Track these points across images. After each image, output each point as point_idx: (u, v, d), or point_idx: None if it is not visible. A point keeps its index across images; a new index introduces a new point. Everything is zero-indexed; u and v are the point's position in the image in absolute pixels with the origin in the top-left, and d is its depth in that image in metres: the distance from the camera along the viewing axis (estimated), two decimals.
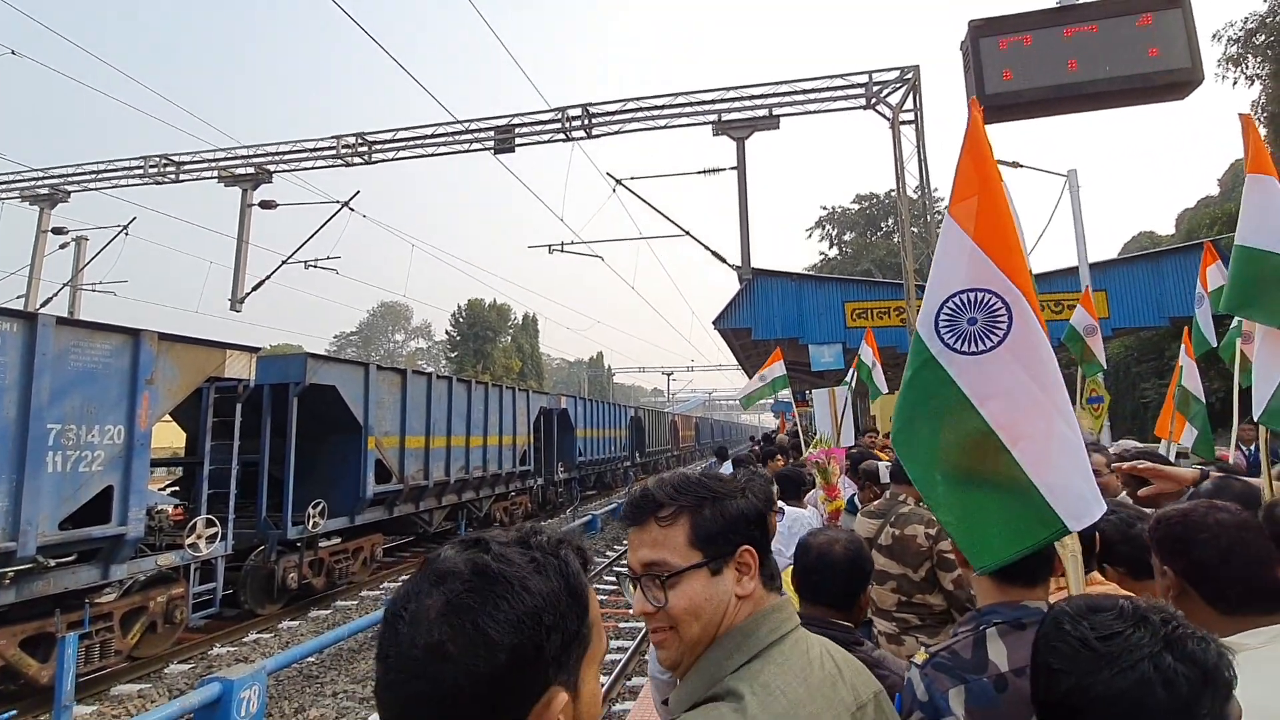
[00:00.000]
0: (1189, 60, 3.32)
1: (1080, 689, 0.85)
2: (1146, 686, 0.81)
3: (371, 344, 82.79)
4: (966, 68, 3.43)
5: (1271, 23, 19.73)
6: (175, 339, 7.16)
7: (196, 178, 16.31)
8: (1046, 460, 1.30)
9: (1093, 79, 3.32)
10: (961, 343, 1.38)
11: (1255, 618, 1.26)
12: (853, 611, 1.80)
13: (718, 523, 1.05)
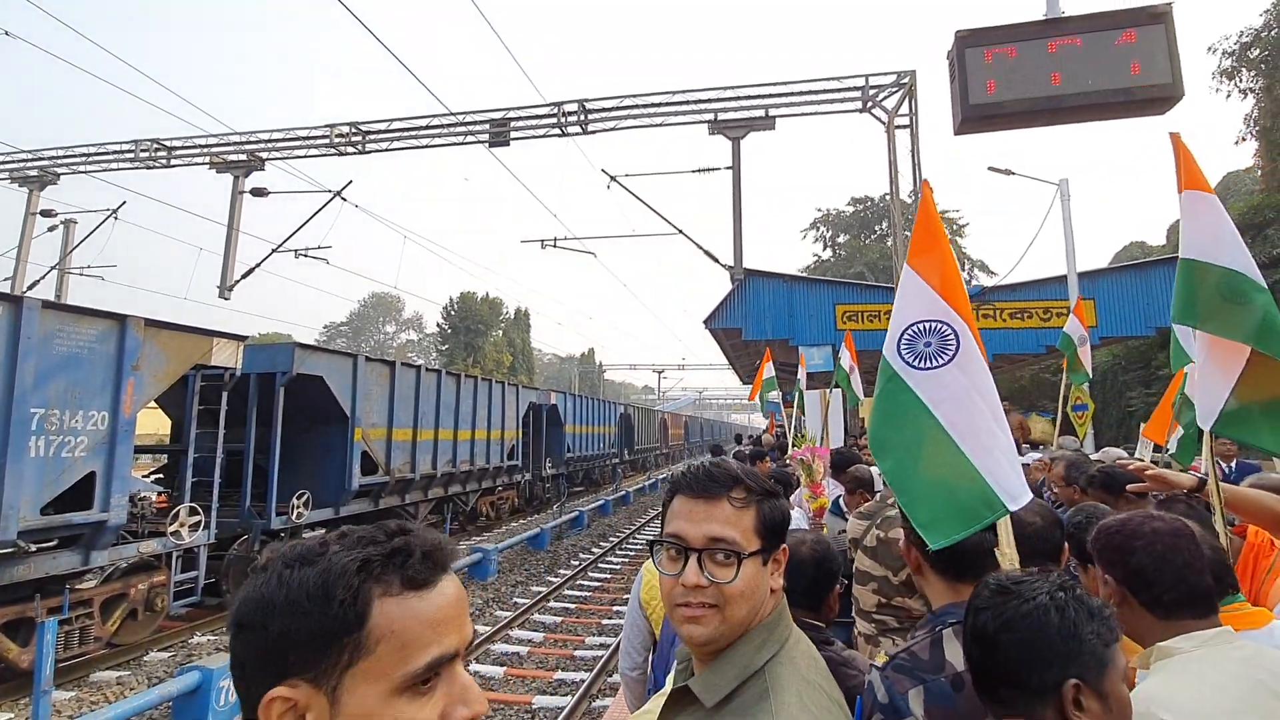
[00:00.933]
0: (1170, 76, 3.38)
1: (995, 616, 1.07)
2: (1044, 611, 1.03)
3: (362, 335, 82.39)
4: (952, 77, 3.47)
5: (1266, 37, 19.93)
6: (162, 325, 7.12)
7: (188, 163, 16.18)
8: (988, 454, 1.56)
9: (1075, 92, 3.38)
10: (919, 361, 1.71)
11: (1189, 621, 1.31)
12: (820, 611, 1.83)
13: (776, 517, 1.12)
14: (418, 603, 0.69)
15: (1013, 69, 3.42)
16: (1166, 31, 3.45)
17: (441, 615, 0.70)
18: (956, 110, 3.48)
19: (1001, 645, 1.05)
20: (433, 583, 0.71)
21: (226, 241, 15.40)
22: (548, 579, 10.85)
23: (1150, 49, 3.43)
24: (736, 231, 13.75)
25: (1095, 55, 3.42)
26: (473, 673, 6.75)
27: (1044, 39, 3.45)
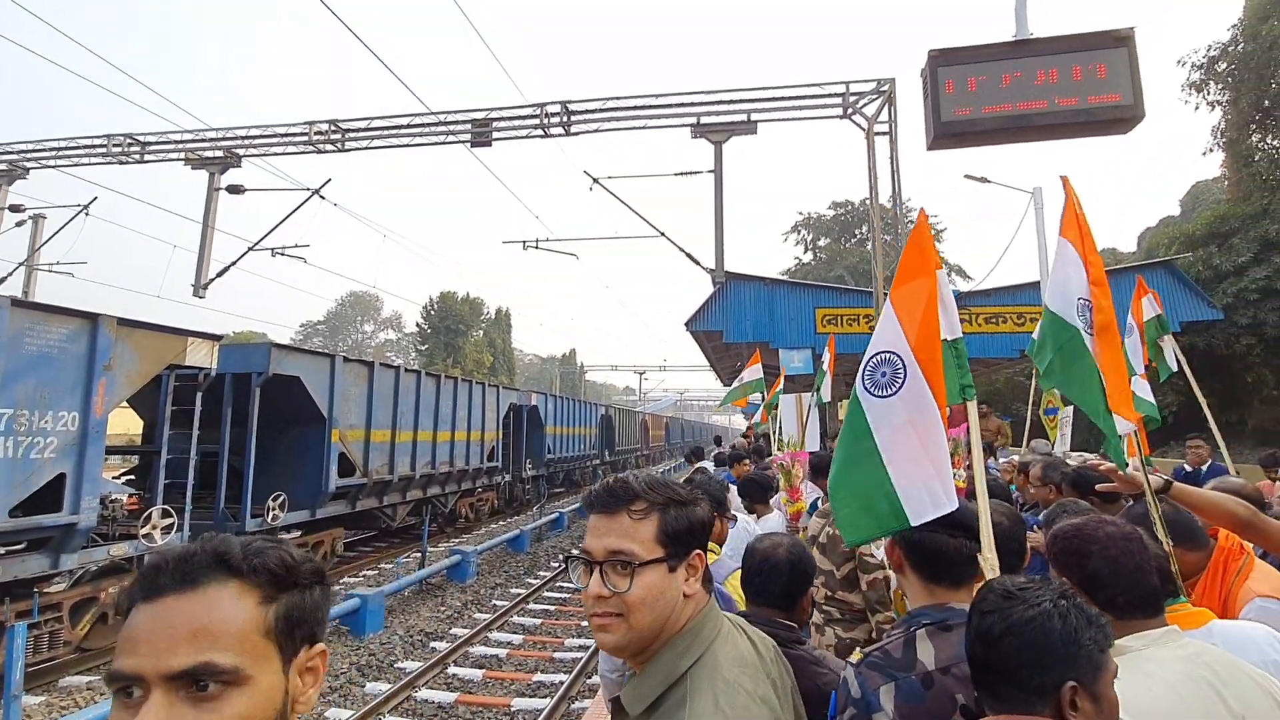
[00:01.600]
0: (1132, 98, 3.51)
1: (1001, 619, 1.12)
2: (1047, 617, 1.09)
3: (339, 334, 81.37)
4: (925, 95, 3.56)
5: (1233, 51, 20.49)
6: (135, 325, 7.00)
7: (162, 159, 15.88)
8: (908, 477, 1.77)
9: (1042, 111, 3.49)
10: (875, 389, 1.92)
11: (1140, 621, 1.39)
12: (795, 612, 1.88)
13: (682, 525, 1.12)
14: (134, 614, 0.73)
15: (983, 88, 3.52)
16: (1129, 55, 3.57)
17: (131, 632, 0.71)
18: (929, 127, 3.57)
19: (1005, 647, 1.10)
20: (154, 597, 0.72)
21: (202, 239, 15.14)
22: (527, 581, 10.83)
23: (1113, 71, 3.55)
24: (718, 235, 13.83)
25: (1062, 76, 3.53)
26: (451, 675, 6.75)
27: (1013, 60, 3.55)
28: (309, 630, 0.81)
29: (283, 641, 0.77)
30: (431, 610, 8.99)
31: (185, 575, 0.73)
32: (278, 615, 0.77)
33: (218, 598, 0.73)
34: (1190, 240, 20.63)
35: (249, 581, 0.75)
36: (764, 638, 1.27)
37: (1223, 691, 1.24)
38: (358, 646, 7.47)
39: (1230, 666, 1.30)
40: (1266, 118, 20.17)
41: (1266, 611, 2.02)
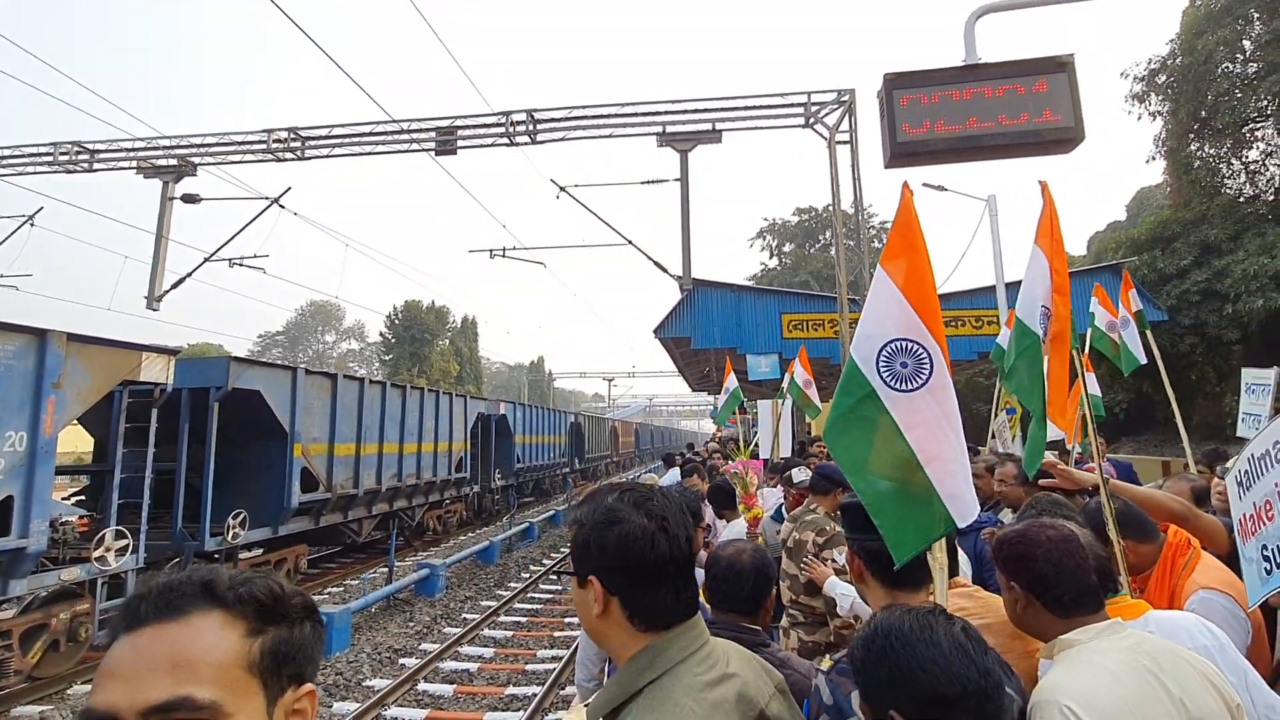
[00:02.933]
0: (1073, 120, 3.71)
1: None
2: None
3: (299, 345, 79.52)
4: (881, 116, 3.71)
5: (1171, 64, 21.44)
6: (86, 340, 6.77)
7: (112, 168, 15.38)
8: (947, 477, 1.66)
9: (990, 133, 3.66)
10: (896, 381, 1.75)
11: (1084, 616, 1.48)
12: (759, 615, 1.92)
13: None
14: (114, 646, 0.70)
15: (935, 110, 3.67)
16: (1069, 79, 3.76)
17: (110, 667, 0.67)
18: (886, 146, 3.72)
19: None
20: (136, 627, 0.69)
21: (155, 250, 14.71)
22: (498, 593, 10.73)
23: (1055, 95, 3.75)
24: (685, 242, 13.96)
25: (1008, 99, 3.71)
26: (421, 692, 6.65)
27: (962, 83, 3.72)
28: (297, 668, 0.76)
29: (268, 678, 0.72)
30: (400, 626, 8.84)
31: (168, 604, 0.70)
32: (264, 650, 0.72)
33: (201, 627, 0.69)
34: (1135, 245, 21.50)
35: (235, 612, 0.72)
36: (751, 661, 1.20)
37: (1162, 677, 1.33)
38: (324, 666, 7.31)
39: (1168, 653, 1.39)
40: (1204, 127, 21.15)
41: (1208, 602, 2.14)
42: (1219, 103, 20.11)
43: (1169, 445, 18.75)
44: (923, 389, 1.72)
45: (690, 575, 1.15)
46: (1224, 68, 20.19)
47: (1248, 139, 20.74)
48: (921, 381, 1.72)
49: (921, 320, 1.75)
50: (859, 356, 1.80)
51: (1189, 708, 1.29)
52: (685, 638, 1.11)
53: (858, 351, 1.81)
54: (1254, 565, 1.85)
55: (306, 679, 0.78)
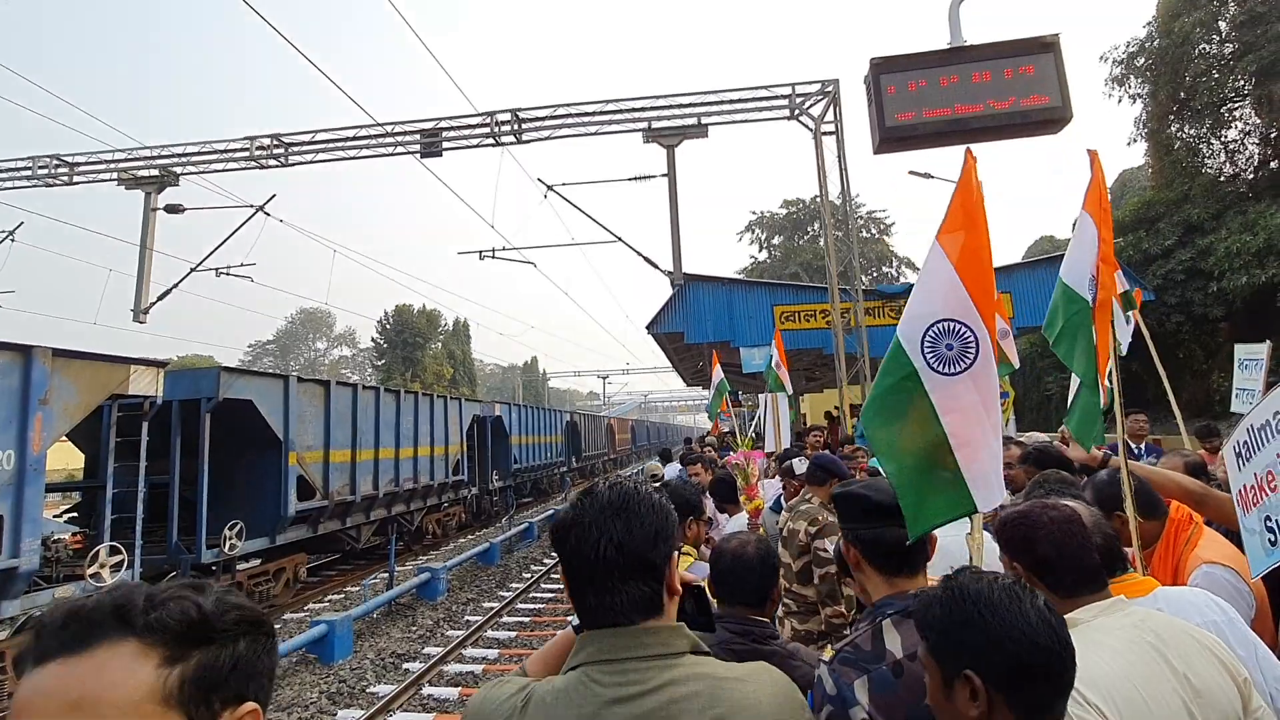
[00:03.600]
0: (1060, 100, 3.73)
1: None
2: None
3: (290, 353, 79.09)
4: (869, 101, 3.71)
5: (1150, 47, 21.59)
6: (72, 355, 6.69)
7: (93, 180, 15.19)
8: (977, 463, 1.65)
9: (978, 115, 3.66)
10: (940, 364, 1.69)
11: (1086, 597, 1.48)
12: (766, 608, 1.92)
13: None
14: (21, 684, 0.65)
15: (922, 94, 3.68)
16: (1055, 60, 3.78)
17: (14, 710, 0.63)
18: (874, 132, 3.72)
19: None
20: (40, 662, 0.64)
21: (140, 262, 14.55)
22: (500, 594, 10.70)
23: (1041, 75, 3.76)
24: (674, 237, 13.93)
25: (995, 81, 3.73)
26: (426, 696, 6.62)
27: (949, 67, 3.72)
28: (233, 690, 0.70)
29: (193, 708, 0.66)
30: (402, 631, 8.80)
31: (74, 636, 0.64)
32: (185, 678, 0.66)
33: (106, 662, 0.63)
34: (1120, 226, 21.66)
35: (149, 640, 0.65)
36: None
37: (1165, 653, 1.33)
38: (327, 674, 7.27)
39: (1172, 629, 1.39)
40: (1183, 109, 21.31)
41: (1211, 577, 2.15)
42: (1197, 83, 20.27)
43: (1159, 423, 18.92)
44: (966, 373, 1.66)
45: (635, 580, 1.07)
46: (1201, 49, 20.35)
47: (1226, 119, 20.93)
48: (966, 365, 1.66)
49: (972, 300, 1.67)
50: (904, 336, 1.73)
51: (1192, 681, 1.29)
52: (598, 644, 1.05)
53: (904, 330, 1.74)
54: (1256, 536, 1.85)
55: (247, 697, 0.72)
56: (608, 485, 1.14)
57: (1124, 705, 1.23)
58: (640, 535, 1.07)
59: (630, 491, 1.12)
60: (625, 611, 1.06)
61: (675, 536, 1.14)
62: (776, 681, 1.10)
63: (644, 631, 1.06)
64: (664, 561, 1.10)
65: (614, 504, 1.09)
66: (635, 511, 1.09)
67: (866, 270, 37.97)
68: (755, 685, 1.05)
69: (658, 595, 1.08)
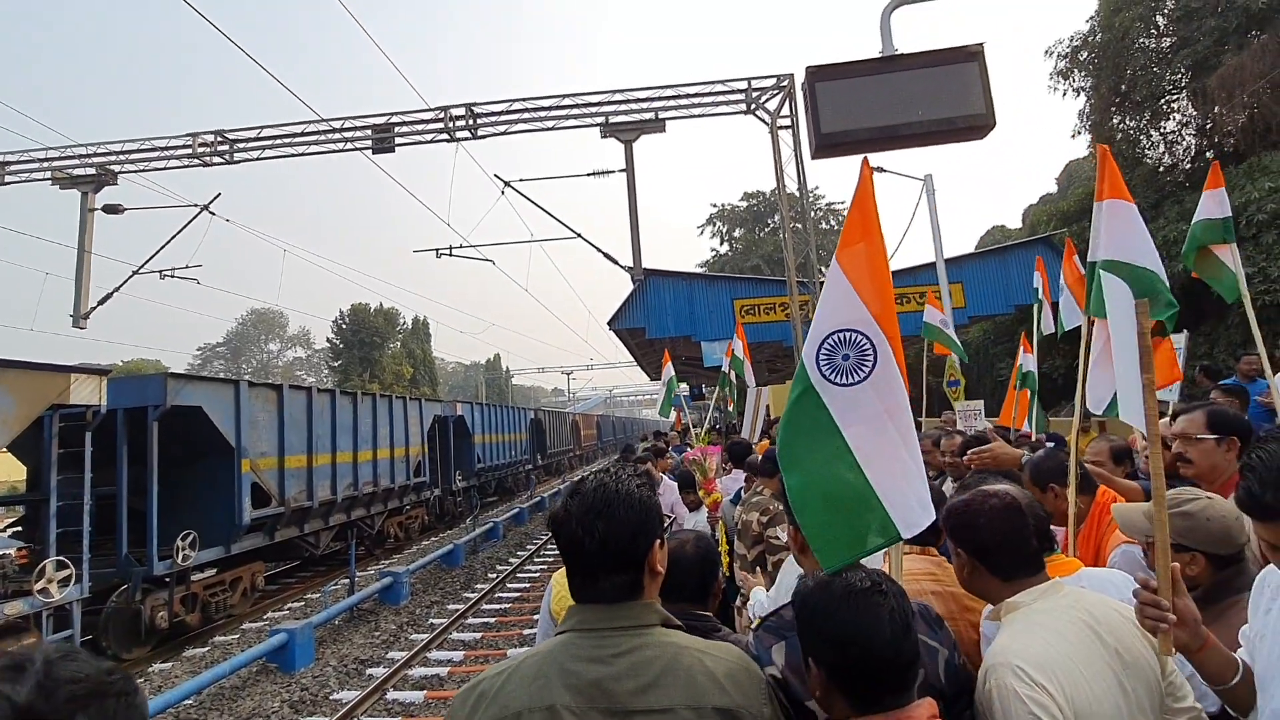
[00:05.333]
0: (984, 108, 3.89)
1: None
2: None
3: (242, 355, 76.75)
4: (806, 108, 3.82)
5: (1092, 41, 22.37)
6: (8, 365, 6.42)
7: (25, 179, 14.49)
8: (890, 480, 1.56)
9: (907, 121, 3.80)
10: (836, 375, 1.63)
11: (1025, 580, 1.58)
12: (708, 602, 1.98)
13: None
14: None
15: (857, 101, 3.80)
16: (979, 68, 3.94)
17: None
18: (811, 138, 3.82)
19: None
20: None
21: (78, 264, 13.96)
22: (465, 596, 10.63)
23: (967, 84, 3.91)
24: (634, 233, 13.98)
25: (923, 89, 3.86)
26: (391, 700, 6.57)
27: (881, 75, 3.84)
28: None
29: None
30: (365, 637, 8.69)
31: None
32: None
33: None
34: (1066, 216, 22.46)
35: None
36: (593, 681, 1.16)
37: (1099, 630, 1.45)
38: (289, 683, 7.14)
39: (1102, 606, 1.51)
40: (1124, 101, 22.16)
41: (1127, 555, 2.31)
42: (1137, 77, 21.09)
43: None
44: (864, 382, 1.60)
45: (617, 571, 1.23)
46: (1140, 43, 21.16)
47: (1164, 111, 21.82)
48: (864, 374, 1.61)
49: (867, 308, 1.63)
50: (805, 351, 1.72)
51: (1122, 655, 1.42)
52: (582, 616, 1.24)
53: (806, 347, 1.72)
54: None
55: None
56: (593, 485, 1.28)
57: (1066, 681, 1.35)
58: (620, 533, 1.22)
59: (613, 492, 1.26)
60: (607, 594, 1.23)
61: (655, 527, 1.28)
62: (737, 656, 1.25)
63: (621, 607, 1.23)
64: (644, 553, 1.25)
65: (597, 505, 1.24)
66: (615, 513, 1.23)
67: (825, 261, 38.57)
68: (715, 655, 1.21)
69: (637, 581, 1.25)
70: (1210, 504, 1.77)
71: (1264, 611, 1.43)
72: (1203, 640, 1.41)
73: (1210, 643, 1.42)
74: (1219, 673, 1.43)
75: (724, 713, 1.13)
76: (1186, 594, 1.44)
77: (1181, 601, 1.41)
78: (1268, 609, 1.42)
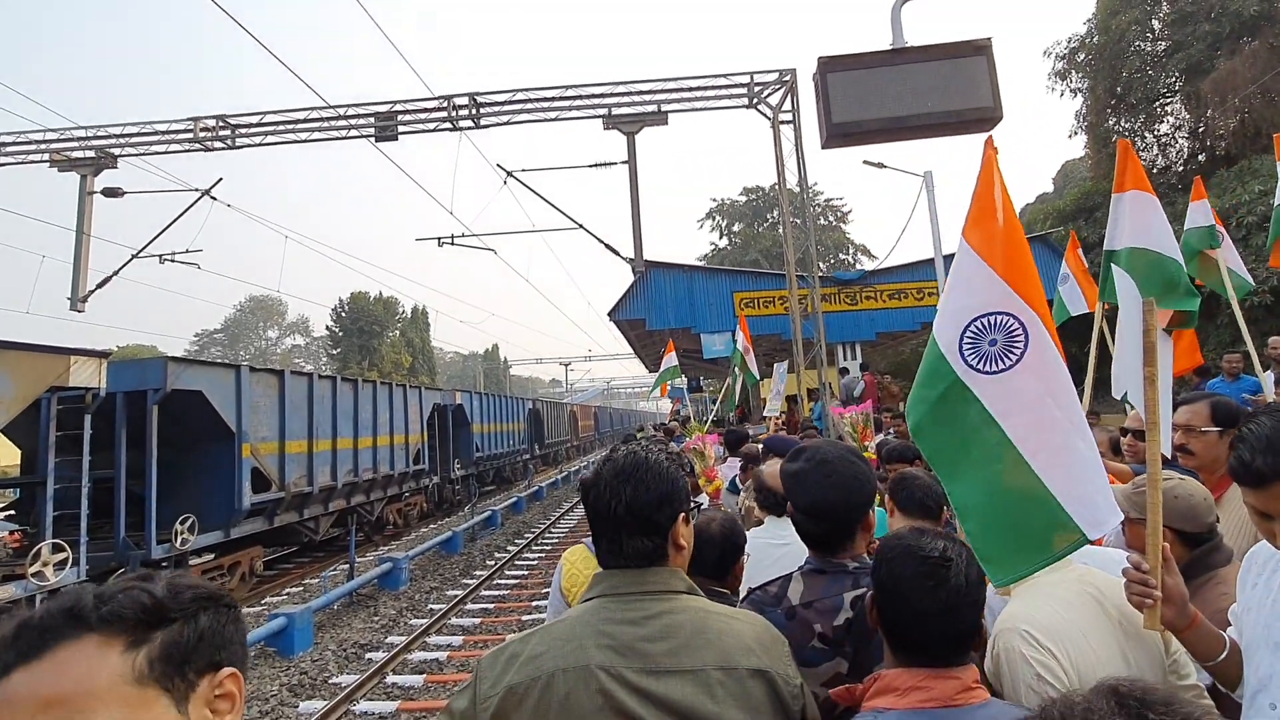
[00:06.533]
0: (992, 101, 3.94)
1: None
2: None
3: (240, 342, 76.49)
4: (817, 98, 3.86)
5: (1090, 43, 22.37)
6: (7, 346, 6.41)
7: (22, 161, 14.38)
8: (1065, 473, 1.41)
9: (916, 113, 3.84)
10: (983, 363, 1.50)
11: None
12: (727, 579, 2.02)
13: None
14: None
15: (866, 93, 3.83)
16: (988, 62, 3.98)
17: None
18: (822, 129, 3.86)
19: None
20: (5, 673, 0.66)
21: (76, 247, 13.88)
22: (463, 582, 10.68)
23: (975, 77, 3.95)
24: (635, 224, 13.95)
25: (933, 82, 3.90)
26: (390, 684, 6.62)
27: (891, 66, 3.88)
28: (205, 660, 0.75)
29: (169, 682, 0.70)
30: (364, 621, 8.73)
31: (30, 644, 0.66)
32: (152, 658, 0.70)
33: (68, 660, 0.66)
34: (1061, 215, 22.51)
35: (107, 631, 0.69)
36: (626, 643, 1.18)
37: (1104, 604, 1.52)
38: (287, 667, 7.18)
39: (1109, 582, 1.59)
40: (1120, 103, 22.18)
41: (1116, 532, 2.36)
42: (1132, 79, 21.11)
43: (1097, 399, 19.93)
44: (1016, 367, 1.47)
45: (641, 535, 1.25)
46: (1136, 46, 21.18)
47: (1159, 113, 21.87)
48: (1015, 359, 1.47)
49: (1011, 288, 1.49)
50: (942, 342, 1.56)
51: (1126, 628, 1.49)
52: (610, 581, 1.26)
53: (941, 336, 1.57)
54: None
55: (223, 664, 0.77)
56: (625, 453, 1.32)
57: (1070, 648, 1.41)
58: (646, 499, 1.25)
59: (641, 460, 1.29)
60: (632, 558, 1.26)
61: (681, 500, 1.30)
62: (761, 622, 1.29)
63: (647, 573, 1.25)
64: (669, 521, 1.28)
65: (625, 470, 1.28)
66: (643, 479, 1.26)
67: (824, 257, 38.61)
68: (741, 620, 1.25)
69: (661, 548, 1.27)
70: (1180, 484, 1.81)
71: (1250, 586, 1.47)
72: (1189, 619, 1.44)
73: (1197, 620, 1.45)
74: (1206, 650, 1.47)
75: (756, 673, 1.16)
76: (1176, 573, 1.46)
77: (1171, 579, 1.43)
78: (1254, 584, 1.45)
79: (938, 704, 1.15)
